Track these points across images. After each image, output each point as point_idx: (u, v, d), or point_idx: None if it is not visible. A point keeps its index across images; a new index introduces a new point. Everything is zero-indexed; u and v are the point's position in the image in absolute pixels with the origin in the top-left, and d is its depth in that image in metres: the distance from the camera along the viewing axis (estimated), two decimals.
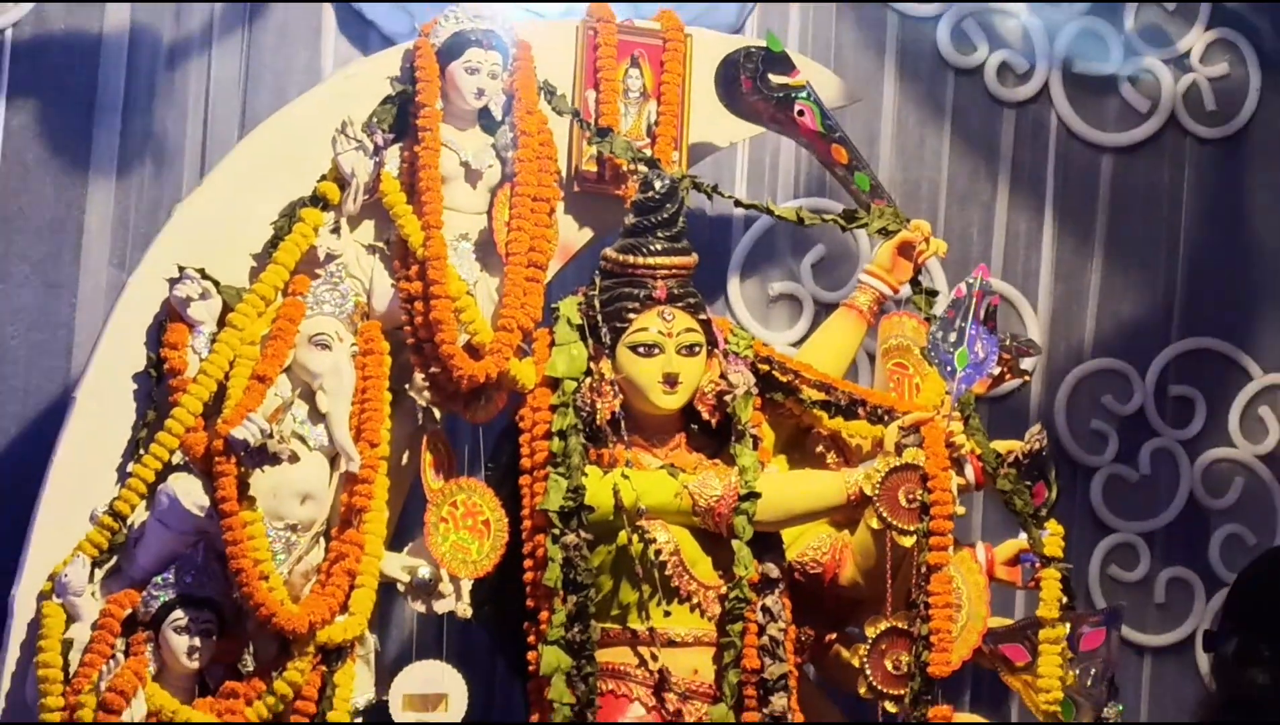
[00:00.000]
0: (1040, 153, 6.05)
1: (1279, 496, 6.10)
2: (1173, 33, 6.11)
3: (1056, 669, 5.03)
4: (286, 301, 4.89)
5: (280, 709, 4.74)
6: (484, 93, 5.08)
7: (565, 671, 4.83)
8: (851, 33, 5.92)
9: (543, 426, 4.95)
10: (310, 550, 4.90)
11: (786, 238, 5.76)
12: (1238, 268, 6.16)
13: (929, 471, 4.91)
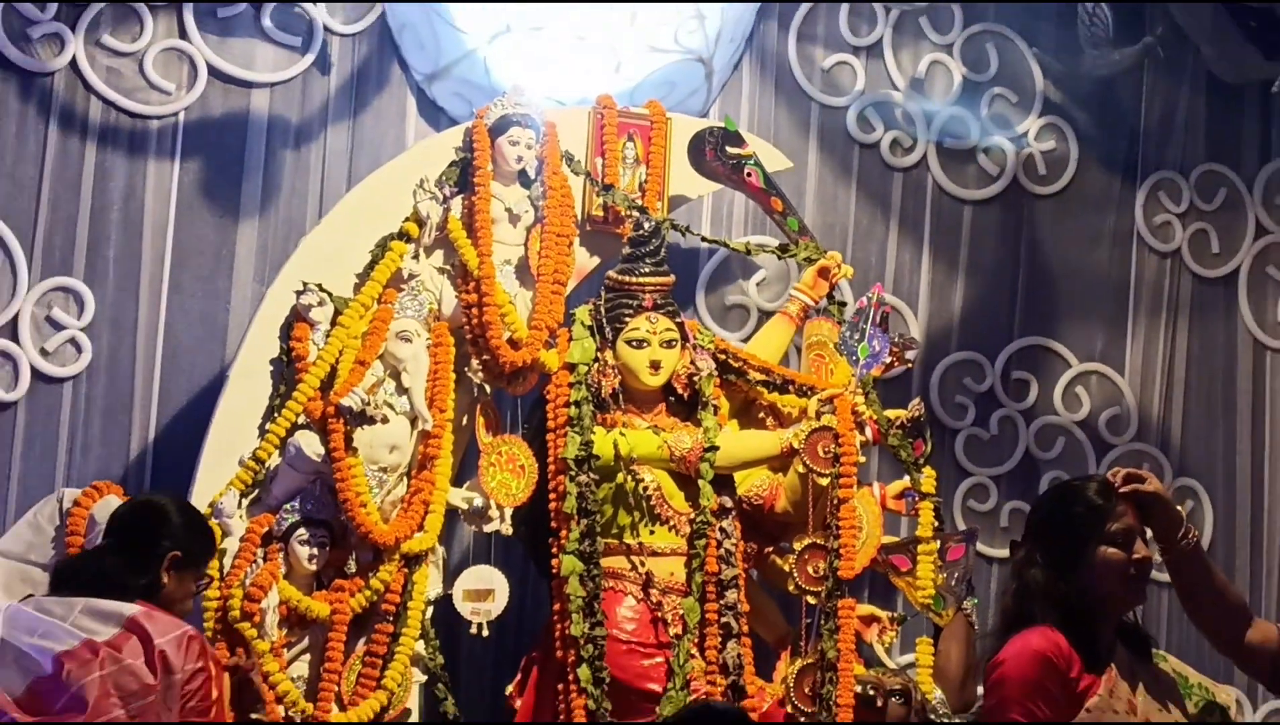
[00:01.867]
0: (920, 204, 5.99)
1: (1089, 451, 6.04)
2: (1015, 118, 6.06)
3: (930, 573, 5.01)
4: (380, 308, 4.88)
5: (374, 599, 4.75)
6: (522, 159, 5.08)
7: (579, 573, 4.83)
8: (785, 117, 5.88)
9: (563, 398, 4.96)
10: (396, 486, 4.88)
11: (738, 264, 5.74)
12: (1060, 287, 6.11)
13: (839, 431, 4.91)
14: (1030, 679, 3.43)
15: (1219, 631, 3.68)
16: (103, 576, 3.77)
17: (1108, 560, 3.49)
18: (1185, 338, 6.16)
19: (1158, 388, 6.12)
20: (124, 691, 3.61)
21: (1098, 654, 3.48)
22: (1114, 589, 3.51)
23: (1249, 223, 6.21)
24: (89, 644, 3.62)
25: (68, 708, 3.59)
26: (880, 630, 5.20)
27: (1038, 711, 3.41)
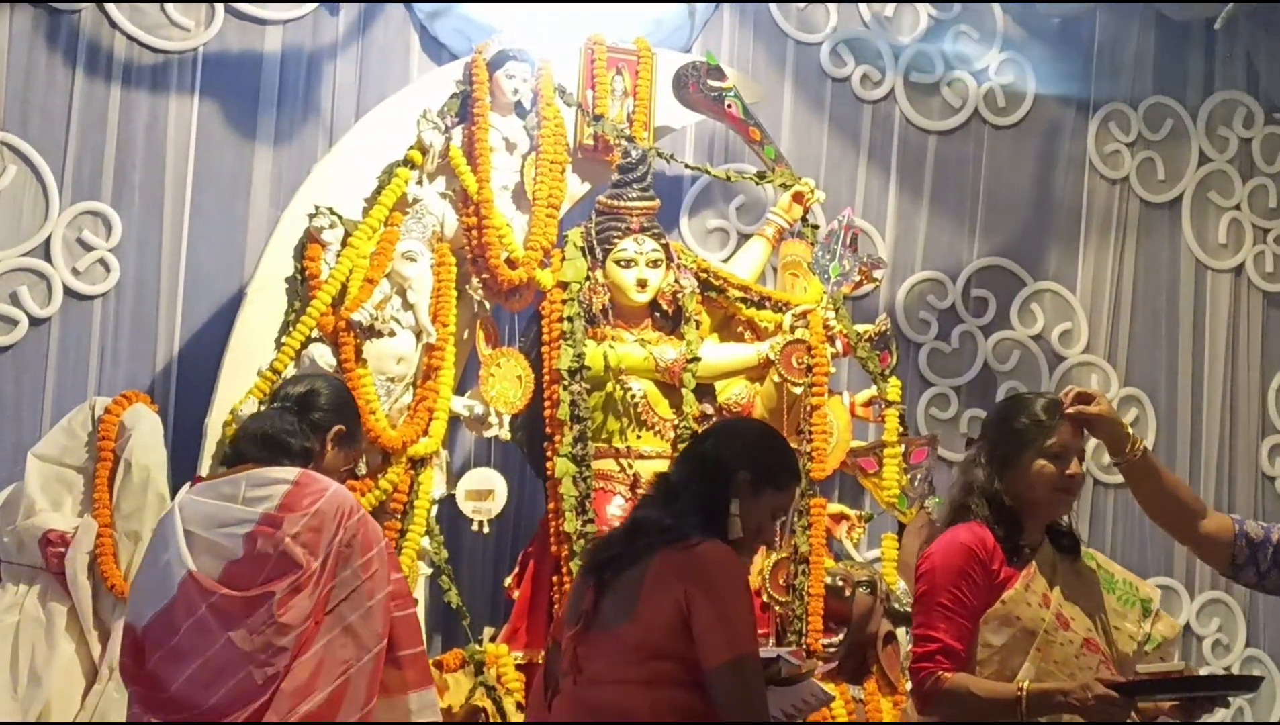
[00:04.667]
0: (888, 135, 5.99)
1: (1043, 363, 6.07)
2: (976, 53, 6.06)
3: (895, 475, 5.09)
4: (387, 230, 4.89)
5: (384, 498, 4.79)
6: (518, 91, 5.08)
7: (571, 475, 4.87)
8: (763, 53, 5.87)
9: (557, 313, 4.98)
10: (403, 394, 4.92)
11: (719, 189, 5.75)
12: (1016, 211, 6.12)
13: (812, 344, 4.96)
14: (956, 567, 3.47)
15: (1176, 527, 3.71)
16: (272, 434, 3.74)
17: (1040, 471, 3.52)
18: (1132, 258, 6.17)
19: (1106, 304, 6.13)
20: (310, 548, 3.58)
21: (1021, 551, 3.53)
22: (1042, 497, 3.53)
23: (1193, 151, 6.21)
24: (268, 517, 3.58)
25: (274, 573, 3.55)
26: (849, 527, 5.27)
27: (961, 596, 3.46)
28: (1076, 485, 3.55)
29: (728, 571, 3.19)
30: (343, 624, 3.55)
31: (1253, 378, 6.23)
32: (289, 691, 3.49)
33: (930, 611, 3.47)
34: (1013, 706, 3.39)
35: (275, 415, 3.81)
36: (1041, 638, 3.46)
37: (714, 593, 3.16)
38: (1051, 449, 3.51)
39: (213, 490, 3.69)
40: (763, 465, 3.31)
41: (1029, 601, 3.48)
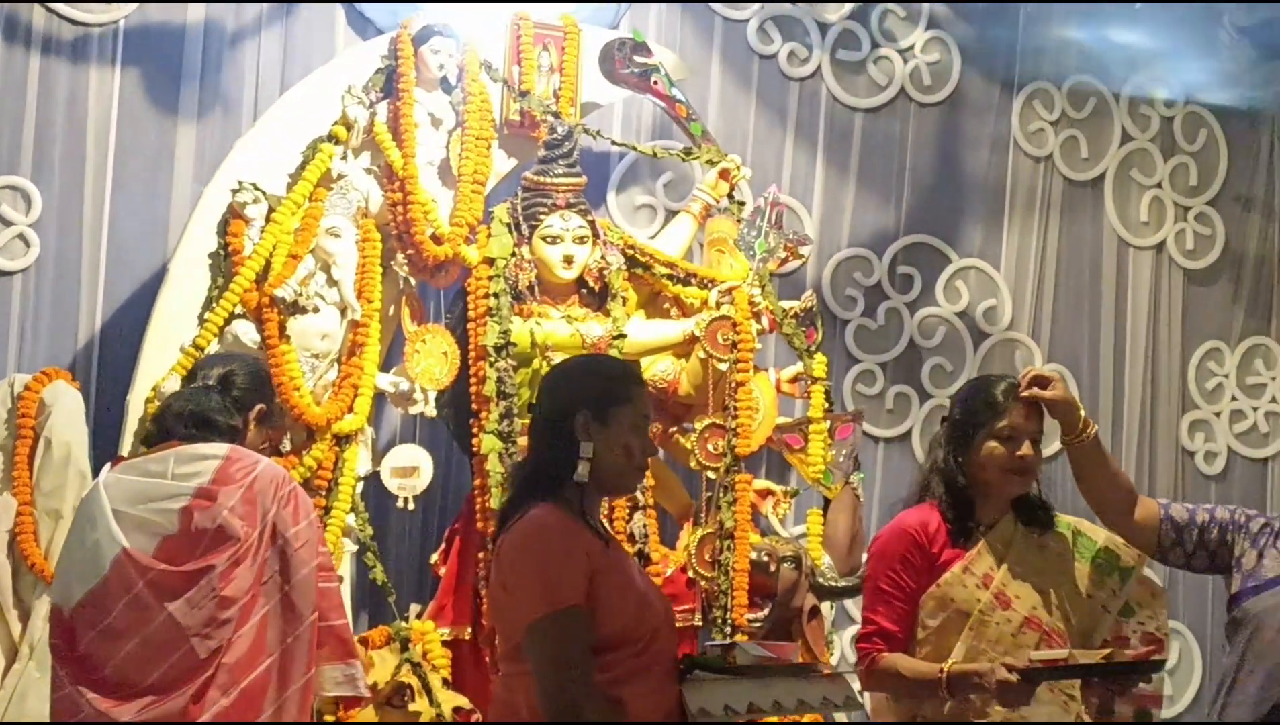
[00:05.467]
0: (815, 112, 5.98)
1: (967, 339, 6.08)
2: (902, 32, 6.07)
3: (820, 450, 5.10)
4: (311, 206, 4.85)
5: (308, 475, 4.76)
6: (443, 67, 5.05)
7: (498, 452, 4.85)
8: (690, 29, 5.85)
9: (483, 290, 4.96)
10: (328, 371, 4.89)
11: (646, 166, 5.72)
12: (942, 188, 6.12)
13: (737, 320, 4.96)
14: (896, 552, 3.61)
15: (1110, 511, 3.77)
16: (200, 412, 3.75)
17: (991, 452, 3.60)
18: (1056, 236, 6.20)
19: (1030, 281, 6.15)
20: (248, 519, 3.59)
21: (972, 531, 3.61)
22: (994, 478, 3.61)
23: (1115, 130, 6.24)
24: (202, 491, 3.58)
25: (212, 546, 3.56)
26: (775, 502, 5.29)
27: (900, 580, 3.59)
28: (1028, 467, 3.61)
29: (517, 547, 3.08)
30: (280, 594, 3.58)
31: (1173, 354, 6.28)
32: (231, 664, 3.50)
33: (872, 595, 3.64)
34: (935, 686, 3.49)
35: (200, 393, 3.81)
36: (976, 618, 3.55)
37: (509, 567, 3.09)
38: (1003, 431, 3.59)
39: (138, 468, 3.68)
40: (593, 394, 3.15)
41: (965, 583, 3.58)
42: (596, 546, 3.09)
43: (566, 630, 2.99)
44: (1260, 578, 3.63)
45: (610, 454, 3.13)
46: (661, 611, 3.19)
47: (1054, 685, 3.54)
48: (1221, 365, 6.31)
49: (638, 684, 3.07)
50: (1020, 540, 3.64)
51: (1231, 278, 6.33)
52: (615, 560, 3.14)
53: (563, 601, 2.99)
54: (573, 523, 3.09)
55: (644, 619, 3.10)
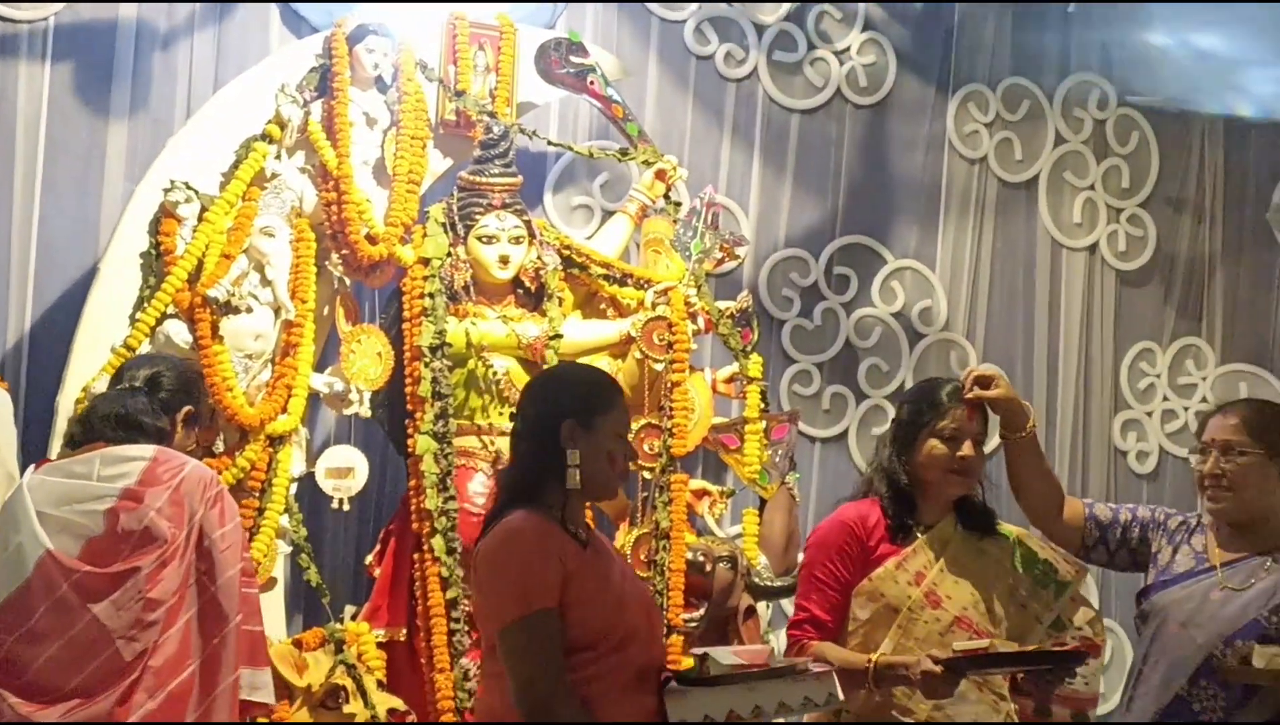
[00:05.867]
0: (751, 113, 5.98)
1: (903, 340, 6.09)
2: (838, 34, 6.08)
3: (756, 451, 5.12)
4: (244, 205, 4.82)
5: (241, 476, 4.72)
6: (378, 66, 5.03)
7: (433, 452, 4.84)
8: (627, 30, 5.84)
9: (418, 290, 4.94)
10: (261, 372, 4.86)
11: (583, 166, 5.71)
12: (878, 190, 6.13)
13: (673, 321, 4.97)
14: (833, 543, 3.67)
15: (1038, 509, 3.84)
16: (127, 414, 3.73)
17: (931, 452, 3.66)
18: (990, 237, 6.22)
19: (965, 282, 6.17)
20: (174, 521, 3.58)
21: (911, 529, 3.66)
22: (935, 478, 3.67)
23: (1049, 132, 6.28)
24: (129, 492, 3.56)
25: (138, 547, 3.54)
26: (711, 503, 5.29)
27: (835, 570, 3.65)
28: (969, 467, 3.66)
29: (494, 552, 3.16)
30: (206, 596, 3.56)
31: (1106, 354, 6.31)
32: (157, 667, 3.48)
33: (806, 583, 3.69)
34: (861, 676, 3.52)
35: (127, 395, 3.79)
36: (905, 615, 3.60)
37: (485, 572, 3.17)
38: (944, 431, 3.65)
39: (62, 470, 3.65)
40: (580, 403, 3.24)
41: (898, 579, 3.62)
42: (573, 550, 3.16)
43: (538, 633, 3.06)
44: (1171, 573, 3.70)
45: (595, 461, 3.21)
46: (640, 616, 3.23)
47: (983, 684, 3.57)
48: (1153, 365, 6.36)
49: (608, 685, 3.12)
50: (959, 542, 3.69)
51: (1163, 279, 6.37)
52: (592, 564, 3.19)
53: (535, 605, 3.07)
54: (550, 527, 3.16)
55: (616, 622, 3.15)
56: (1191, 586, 3.65)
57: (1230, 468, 3.64)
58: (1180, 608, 3.63)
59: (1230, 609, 3.57)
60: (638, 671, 3.16)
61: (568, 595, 3.10)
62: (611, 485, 3.29)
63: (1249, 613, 3.55)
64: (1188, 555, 3.70)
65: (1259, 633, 3.52)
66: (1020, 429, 3.75)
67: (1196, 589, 3.64)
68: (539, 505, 3.18)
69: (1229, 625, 3.55)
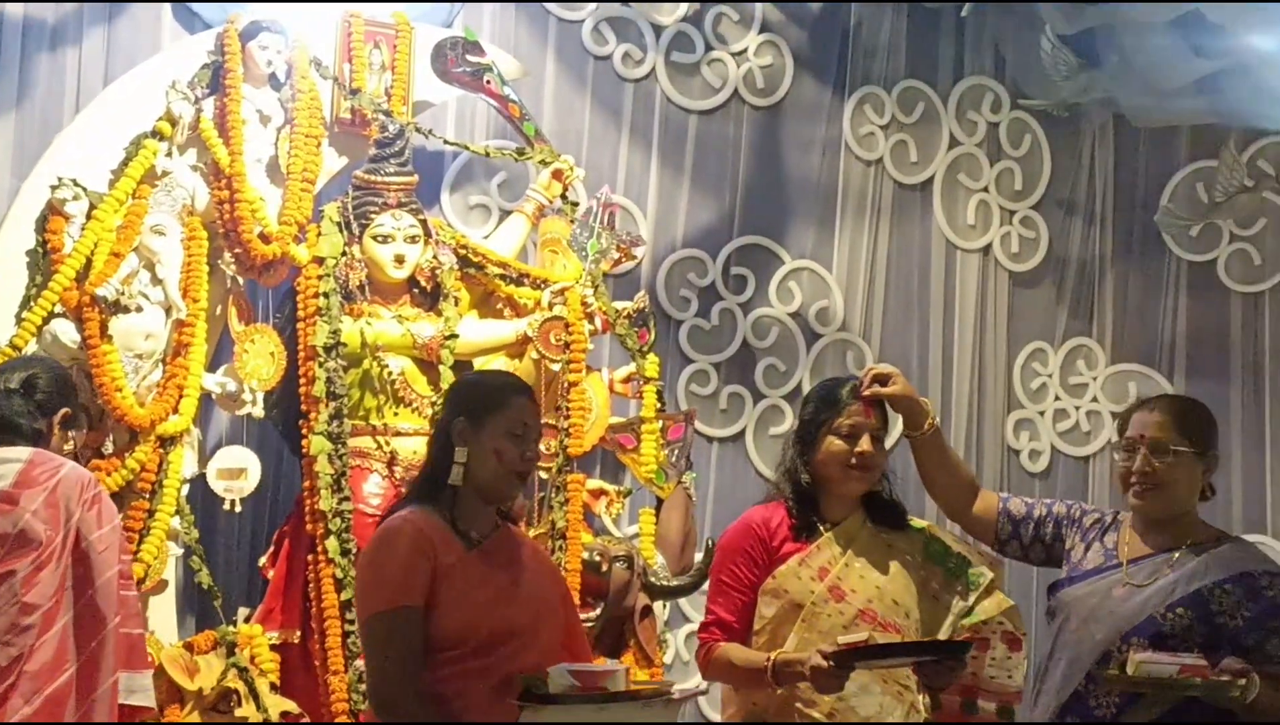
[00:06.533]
0: (649, 114, 5.99)
1: (800, 340, 6.11)
2: (735, 35, 6.10)
3: (653, 450, 5.12)
4: (134, 203, 4.76)
5: (131, 478, 4.68)
6: (272, 63, 5.00)
7: (327, 453, 4.81)
8: (525, 29, 5.83)
9: (313, 289, 4.91)
10: (152, 372, 4.80)
11: (481, 166, 5.68)
12: (775, 190, 6.16)
13: (570, 321, 4.96)
14: (736, 546, 3.72)
15: (948, 504, 3.89)
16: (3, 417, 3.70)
17: (831, 449, 3.69)
18: (886, 238, 6.26)
19: (861, 283, 6.21)
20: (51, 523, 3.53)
21: (814, 528, 3.69)
22: (835, 474, 3.69)
23: (943, 135, 6.33)
24: (4, 494, 3.53)
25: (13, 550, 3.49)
26: (608, 502, 5.30)
27: (739, 572, 3.69)
28: (868, 462, 3.68)
29: (370, 548, 3.29)
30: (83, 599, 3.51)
31: (999, 354, 6.38)
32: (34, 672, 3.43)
33: (714, 587, 3.73)
34: (763, 675, 3.56)
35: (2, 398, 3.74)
36: (808, 609, 3.62)
37: (360, 566, 3.38)
38: (843, 428, 3.68)
39: None
40: (468, 401, 3.33)
41: (800, 575, 3.65)
42: (454, 551, 3.21)
43: (396, 629, 3.13)
44: (1080, 569, 3.72)
45: (482, 459, 3.26)
46: (522, 620, 3.25)
47: (887, 677, 3.60)
48: (1045, 365, 6.43)
49: (470, 685, 3.17)
50: (866, 537, 3.71)
51: (1055, 280, 6.44)
52: (473, 565, 3.23)
53: (397, 602, 3.14)
54: (430, 526, 3.21)
55: (481, 624, 3.19)
56: (1097, 583, 3.68)
57: (1160, 466, 3.65)
58: (1083, 604, 3.66)
59: (1130, 606, 3.60)
60: (508, 674, 3.18)
61: (435, 595, 3.17)
62: (503, 485, 3.32)
63: (1146, 609, 3.58)
64: (1098, 552, 3.73)
65: (1155, 629, 3.55)
66: (920, 427, 3.79)
67: (1101, 585, 3.67)
68: (434, 504, 3.26)
69: (1127, 622, 3.58)
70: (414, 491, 3.35)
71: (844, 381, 3.79)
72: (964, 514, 3.87)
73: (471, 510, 3.29)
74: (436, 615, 3.16)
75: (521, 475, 3.36)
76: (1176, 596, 3.58)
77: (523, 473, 3.35)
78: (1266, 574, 3.60)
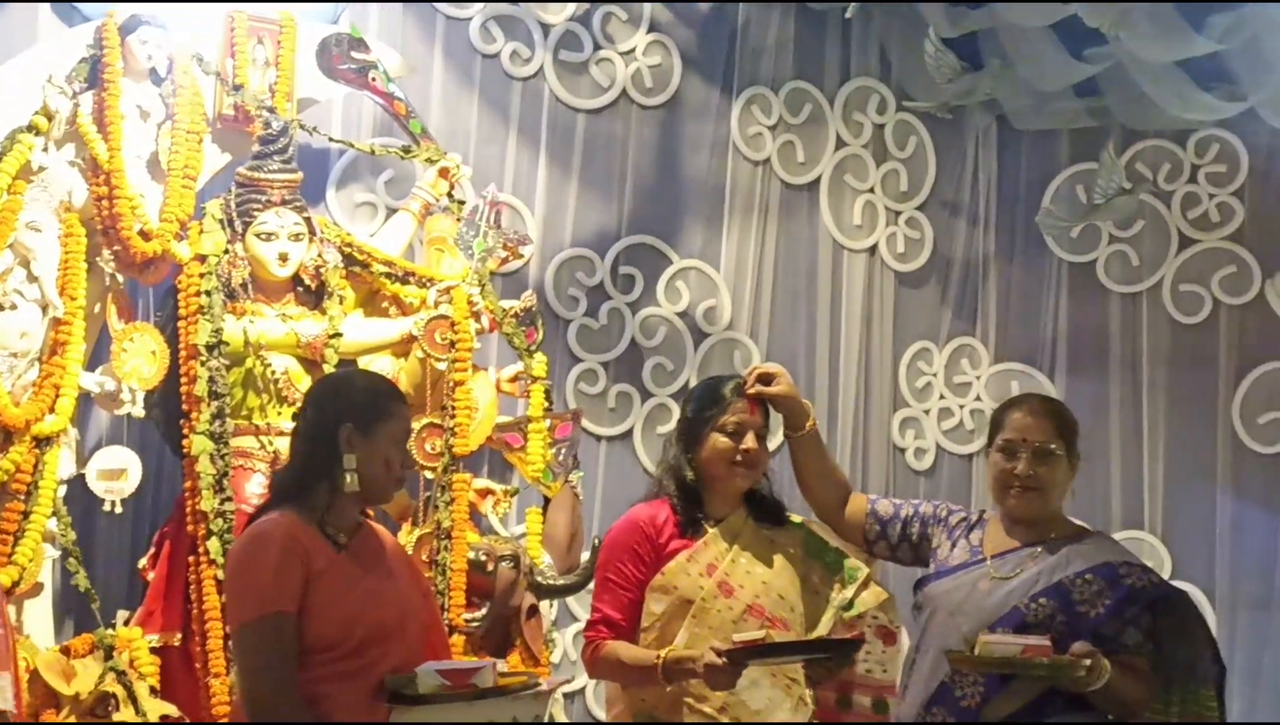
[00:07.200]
0: (537, 112, 5.98)
1: (688, 339, 6.12)
2: (623, 35, 6.09)
3: (540, 449, 5.11)
4: (9, 199, 4.68)
5: (6, 478, 4.59)
6: (152, 58, 4.92)
7: (209, 453, 4.76)
8: (412, 27, 5.79)
9: (195, 287, 4.86)
10: (28, 371, 4.72)
11: (367, 163, 5.64)
12: (664, 190, 6.17)
13: (455, 319, 4.94)
14: (623, 544, 3.75)
15: (822, 504, 3.95)
16: None
17: (715, 446, 3.75)
18: (773, 238, 6.28)
19: (749, 282, 6.23)
20: None
21: (699, 524, 3.74)
22: (720, 472, 3.76)
23: (830, 136, 6.37)
24: None
25: None
26: (495, 502, 5.28)
27: (626, 570, 3.73)
28: (752, 459, 3.74)
29: (239, 552, 3.27)
30: None
31: (885, 353, 6.42)
32: None
33: (600, 584, 3.76)
34: (652, 672, 3.60)
35: None
36: (698, 605, 3.67)
37: (229, 571, 3.33)
38: (727, 426, 3.74)
39: None
40: (359, 409, 3.32)
41: (689, 571, 3.69)
42: (324, 553, 3.22)
43: (269, 636, 3.14)
44: (946, 565, 3.78)
45: (372, 466, 3.28)
46: (391, 619, 3.26)
47: (776, 671, 3.63)
48: (930, 364, 6.49)
49: (344, 687, 3.18)
50: (749, 533, 3.77)
51: (940, 280, 6.50)
52: (343, 567, 3.24)
53: (270, 608, 3.15)
54: (301, 530, 3.22)
55: (354, 626, 3.20)
56: (962, 577, 3.75)
57: (1043, 470, 3.72)
58: (950, 597, 3.73)
59: (995, 598, 3.67)
60: (380, 674, 3.19)
61: (308, 598, 3.18)
62: (387, 491, 3.37)
63: (1011, 600, 3.65)
64: (964, 549, 3.80)
65: (1019, 620, 3.62)
66: (800, 427, 3.86)
67: (966, 579, 3.74)
68: (303, 506, 3.26)
69: (992, 614, 3.65)
70: (281, 493, 3.33)
71: (727, 379, 3.83)
72: (835, 515, 3.94)
73: (341, 513, 3.31)
74: (310, 619, 3.17)
75: (402, 481, 3.42)
76: (1039, 587, 3.66)
77: (403, 479, 3.41)
78: (1126, 564, 3.69)
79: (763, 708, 3.64)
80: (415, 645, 3.29)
